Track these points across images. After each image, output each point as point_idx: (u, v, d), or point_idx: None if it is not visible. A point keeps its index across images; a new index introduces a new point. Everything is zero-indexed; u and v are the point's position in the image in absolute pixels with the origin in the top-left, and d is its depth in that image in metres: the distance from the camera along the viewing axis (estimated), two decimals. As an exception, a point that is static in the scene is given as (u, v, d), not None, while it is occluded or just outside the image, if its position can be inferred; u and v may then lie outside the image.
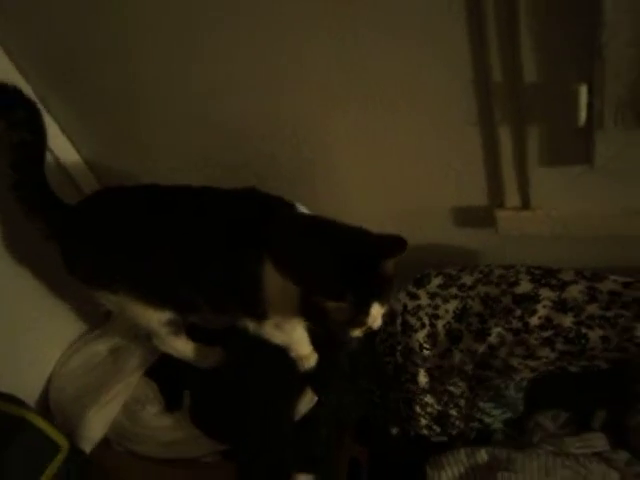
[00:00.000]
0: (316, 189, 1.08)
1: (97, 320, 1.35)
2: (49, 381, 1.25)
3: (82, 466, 0.87)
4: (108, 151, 1.24)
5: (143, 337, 1.22)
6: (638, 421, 0.98)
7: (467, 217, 1.03)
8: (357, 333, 0.86)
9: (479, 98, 0.85)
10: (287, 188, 0.93)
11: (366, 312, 0.81)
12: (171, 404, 1.14)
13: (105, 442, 1.13)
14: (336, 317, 0.81)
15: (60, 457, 0.81)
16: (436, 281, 1.02)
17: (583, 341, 0.90)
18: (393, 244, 0.78)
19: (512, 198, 0.95)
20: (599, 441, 1.03)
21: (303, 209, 0.93)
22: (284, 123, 1.03)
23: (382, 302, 0.82)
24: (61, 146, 1.24)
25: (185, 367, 1.15)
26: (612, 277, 0.90)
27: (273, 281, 0.85)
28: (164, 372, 1.19)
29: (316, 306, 0.80)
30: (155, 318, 1.05)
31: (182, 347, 1.13)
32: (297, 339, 1.03)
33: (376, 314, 0.83)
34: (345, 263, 0.79)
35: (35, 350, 1.25)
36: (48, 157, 1.22)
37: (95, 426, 1.10)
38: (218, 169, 1.13)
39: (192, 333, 1.16)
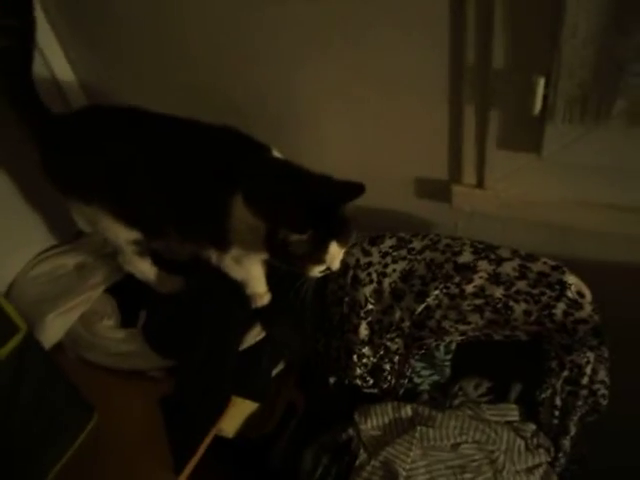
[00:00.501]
0: (297, 138, 1.14)
1: (67, 237, 1.40)
2: (11, 285, 1.30)
3: (37, 353, 0.92)
4: (103, 75, 1.28)
5: (109, 256, 1.28)
6: (547, 396, 1.08)
7: (426, 189, 1.11)
8: (316, 272, 0.92)
9: (451, 77, 0.93)
10: (269, 133, 0.99)
11: (325, 249, 0.88)
12: (127, 321, 1.21)
13: (59, 347, 1.19)
14: (297, 251, 0.86)
15: (17, 338, 0.86)
16: (389, 242, 1.11)
17: (509, 312, 0.99)
18: (353, 188, 0.86)
19: (469, 175, 1.03)
20: (512, 412, 1.14)
21: (277, 154, 0.99)
22: (277, 73, 1.09)
23: (340, 243, 0.89)
24: (58, 63, 1.28)
25: (145, 289, 1.21)
26: (543, 259, 0.99)
27: (240, 215, 0.92)
28: (125, 291, 1.26)
29: (280, 241, 0.86)
30: (123, 235, 1.11)
31: (145, 269, 1.20)
32: (254, 276, 1.11)
33: (334, 253, 0.89)
34: (309, 202, 0.86)
35: (0, 254, 1.29)
36: (43, 72, 1.27)
37: (52, 330, 1.16)
38: (205, 108, 1.19)
39: (157, 260, 1.23)
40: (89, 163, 1.04)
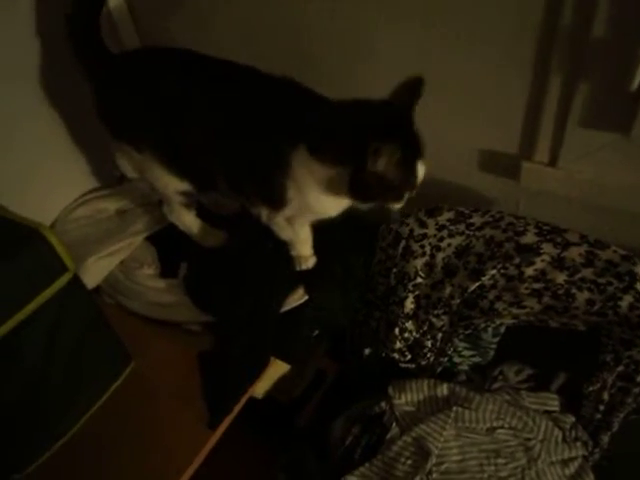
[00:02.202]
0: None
1: (109, 181, 1.37)
2: (52, 225, 1.29)
3: (82, 295, 0.90)
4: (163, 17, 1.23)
5: (153, 204, 1.25)
6: (595, 389, 1.04)
7: (493, 162, 1.05)
8: (403, 201, 0.88)
9: (541, 41, 0.86)
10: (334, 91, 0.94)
11: (414, 171, 0.84)
12: (167, 271, 1.18)
13: (97, 291, 1.18)
14: (390, 180, 0.81)
15: (65, 278, 0.84)
16: (447, 215, 1.06)
17: (570, 299, 0.95)
18: (414, 84, 0.83)
19: (542, 153, 0.97)
20: (552, 401, 1.10)
21: None
22: (355, 32, 1.03)
23: (423, 160, 0.84)
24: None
25: (187, 241, 1.19)
26: (613, 247, 0.94)
27: (304, 169, 0.87)
28: (166, 241, 1.23)
29: (370, 176, 0.81)
30: (172, 185, 1.08)
31: (189, 221, 1.17)
32: (302, 238, 1.08)
33: (421, 173, 0.85)
34: (387, 118, 0.83)
35: (43, 195, 1.27)
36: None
37: (92, 273, 1.14)
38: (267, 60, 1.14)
39: (202, 214, 1.20)
40: (144, 108, 1.00)
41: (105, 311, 1.00)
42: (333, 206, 0.94)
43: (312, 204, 0.92)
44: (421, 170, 0.85)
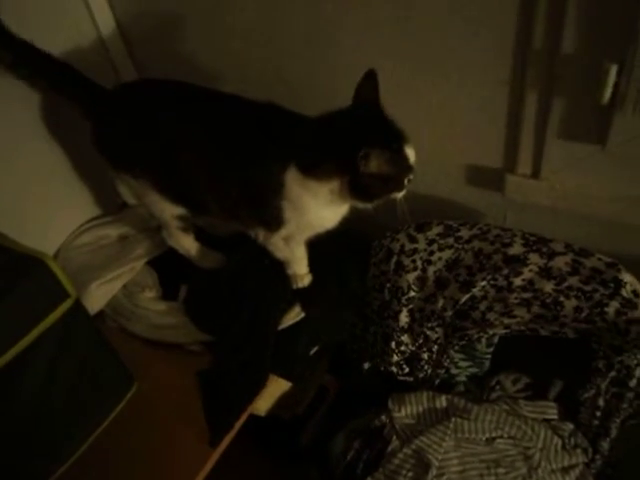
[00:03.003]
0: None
1: (111, 208, 1.41)
2: (55, 254, 1.32)
3: (84, 320, 0.93)
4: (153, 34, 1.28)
5: (153, 230, 1.29)
6: (590, 396, 1.05)
7: (478, 177, 1.08)
8: (406, 184, 0.90)
9: (516, 60, 0.89)
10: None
11: (406, 156, 0.88)
12: (168, 294, 1.22)
13: (100, 317, 1.21)
14: (392, 174, 0.86)
15: (67, 304, 0.87)
16: (436, 229, 1.09)
17: (558, 308, 0.96)
18: (369, 78, 0.88)
19: (524, 165, 1.00)
20: (550, 410, 1.12)
21: None
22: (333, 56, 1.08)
23: (409, 143, 0.88)
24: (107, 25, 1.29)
25: (187, 264, 1.22)
26: (598, 255, 0.96)
27: (297, 190, 0.92)
28: (166, 265, 1.27)
29: (370, 178, 0.85)
30: (168, 210, 1.12)
31: (187, 244, 1.21)
32: (298, 256, 1.11)
33: (412, 154, 0.88)
34: (366, 128, 0.87)
35: (46, 223, 1.30)
36: (93, 35, 1.27)
37: (95, 298, 1.18)
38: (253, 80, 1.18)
39: (199, 236, 1.23)
40: (138, 137, 1.04)
41: (108, 335, 1.03)
42: (331, 217, 0.99)
43: (311, 220, 0.96)
44: (411, 153, 0.88)
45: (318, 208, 0.94)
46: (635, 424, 1.06)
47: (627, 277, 0.94)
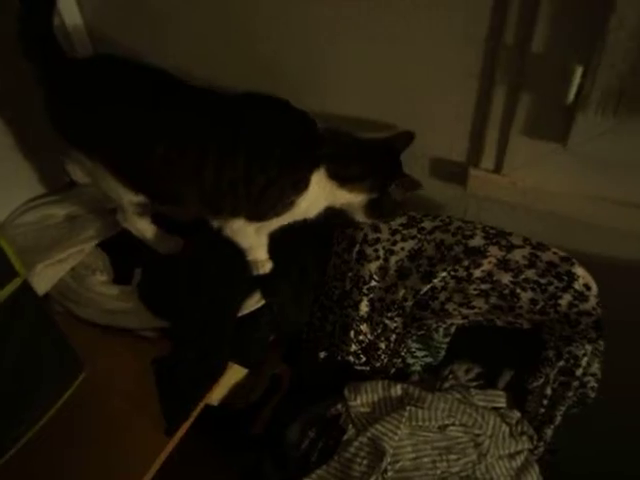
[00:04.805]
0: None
1: (57, 186, 1.33)
2: (-1, 229, 1.24)
3: (31, 301, 0.88)
4: (115, 19, 1.22)
5: (105, 210, 1.23)
6: (538, 385, 1.10)
7: (443, 170, 1.10)
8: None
9: (486, 55, 0.91)
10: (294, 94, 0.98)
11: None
12: (120, 278, 1.17)
13: (45, 299, 1.14)
14: (397, 201, 1.03)
15: (15, 283, 0.81)
16: (400, 220, 1.10)
17: (515, 299, 1.00)
18: (407, 137, 1.03)
19: (487, 160, 1.02)
20: (499, 398, 1.16)
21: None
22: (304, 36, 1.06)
23: None
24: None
25: (141, 247, 1.17)
26: (554, 249, 1.00)
27: (315, 190, 0.97)
28: (119, 247, 1.21)
29: (389, 199, 1.02)
30: (127, 197, 1.06)
31: (144, 228, 1.16)
32: (259, 243, 1.09)
33: None
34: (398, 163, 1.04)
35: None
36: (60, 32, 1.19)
37: (41, 280, 1.10)
38: (231, 64, 1.15)
39: (156, 219, 1.18)
40: (101, 117, 0.97)
41: (55, 319, 0.97)
42: (316, 213, 1.04)
43: (302, 214, 1.01)
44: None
45: (320, 207, 1.02)
46: (576, 412, 1.12)
47: (580, 271, 0.98)
